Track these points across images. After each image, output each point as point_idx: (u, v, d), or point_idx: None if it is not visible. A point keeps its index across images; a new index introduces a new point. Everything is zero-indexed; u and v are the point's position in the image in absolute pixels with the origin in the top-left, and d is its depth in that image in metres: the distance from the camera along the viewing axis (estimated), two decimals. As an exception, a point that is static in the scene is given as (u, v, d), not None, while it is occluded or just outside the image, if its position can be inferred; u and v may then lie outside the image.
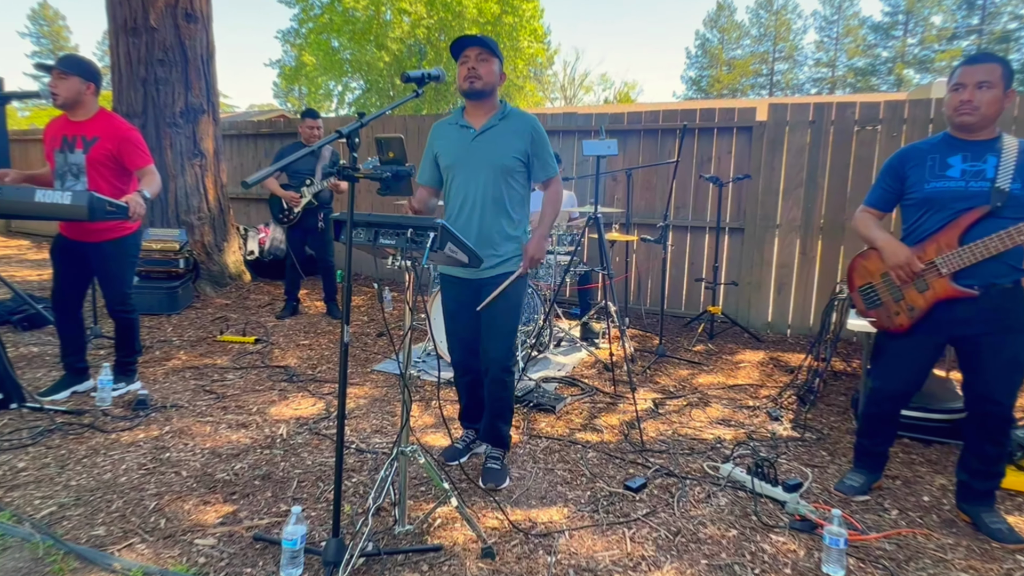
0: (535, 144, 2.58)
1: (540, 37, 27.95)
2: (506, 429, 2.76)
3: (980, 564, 2.18)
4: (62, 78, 3.22)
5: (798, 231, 5.24)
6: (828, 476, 2.83)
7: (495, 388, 2.69)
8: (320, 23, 26.01)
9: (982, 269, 2.25)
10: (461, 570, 2.09)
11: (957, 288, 2.28)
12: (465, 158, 2.56)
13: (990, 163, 2.24)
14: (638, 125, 5.83)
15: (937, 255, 2.31)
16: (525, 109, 16.59)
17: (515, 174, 2.57)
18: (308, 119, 5.31)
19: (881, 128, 4.91)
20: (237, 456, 2.88)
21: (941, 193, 2.31)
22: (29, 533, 2.20)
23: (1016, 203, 2.19)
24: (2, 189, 2.92)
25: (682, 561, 2.17)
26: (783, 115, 5.23)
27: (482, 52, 2.49)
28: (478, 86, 2.49)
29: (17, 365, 3.94)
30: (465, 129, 2.59)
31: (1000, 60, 2.24)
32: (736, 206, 5.50)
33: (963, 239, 2.26)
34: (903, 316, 2.44)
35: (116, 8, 5.83)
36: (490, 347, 2.64)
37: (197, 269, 6.01)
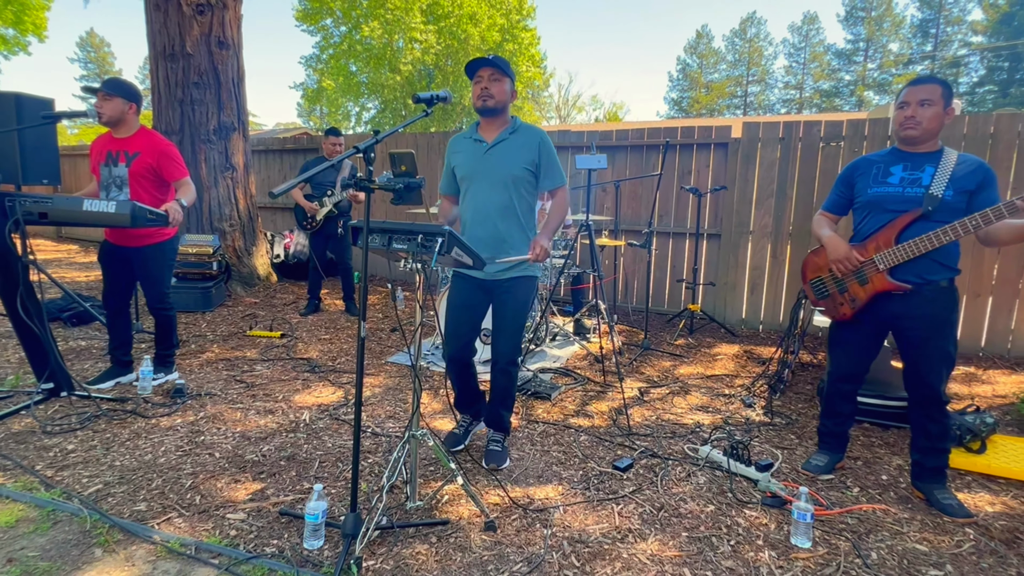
0: (543, 155, 2.54)
1: (537, 62, 27.95)
2: (507, 416, 2.75)
3: (933, 536, 2.18)
4: (107, 99, 3.21)
5: (769, 237, 5.24)
6: (796, 457, 2.83)
7: (501, 378, 2.66)
8: (339, 50, 26.00)
9: (916, 266, 2.28)
10: (466, 541, 2.09)
11: (893, 282, 2.31)
12: (479, 169, 2.54)
13: (927, 172, 2.28)
14: (625, 142, 5.83)
15: (875, 253, 2.35)
16: (524, 127, 16.57)
17: (525, 183, 2.55)
18: (331, 136, 5.31)
19: (844, 144, 4.90)
20: (265, 439, 2.88)
21: (881, 197, 2.35)
22: (78, 508, 2.20)
23: (947, 208, 2.22)
24: (55, 199, 2.92)
25: (665, 533, 2.17)
26: (756, 133, 5.22)
27: (495, 72, 2.46)
28: (490, 104, 2.46)
29: (67, 357, 3.94)
30: (479, 143, 2.56)
31: (940, 81, 2.27)
32: (713, 214, 5.50)
33: (898, 239, 2.29)
34: (846, 306, 2.48)
35: (156, 36, 5.83)
36: (499, 342, 2.62)
37: (229, 271, 6.01)
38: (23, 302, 2.95)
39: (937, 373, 2.32)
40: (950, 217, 2.20)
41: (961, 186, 2.22)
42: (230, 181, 6.13)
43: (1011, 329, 4.52)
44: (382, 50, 25.10)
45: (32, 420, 2.96)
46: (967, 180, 2.22)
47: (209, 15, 5.82)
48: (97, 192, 3.34)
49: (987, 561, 2.04)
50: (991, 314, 4.56)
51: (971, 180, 2.21)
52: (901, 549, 2.10)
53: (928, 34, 36.92)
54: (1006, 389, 3.85)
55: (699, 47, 45.44)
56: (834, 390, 2.65)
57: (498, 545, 2.07)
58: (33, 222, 2.90)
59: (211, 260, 5.49)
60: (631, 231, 5.78)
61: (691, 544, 2.11)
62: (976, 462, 2.69)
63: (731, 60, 44.69)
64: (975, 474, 2.66)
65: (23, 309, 2.96)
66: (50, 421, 2.98)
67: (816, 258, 2.62)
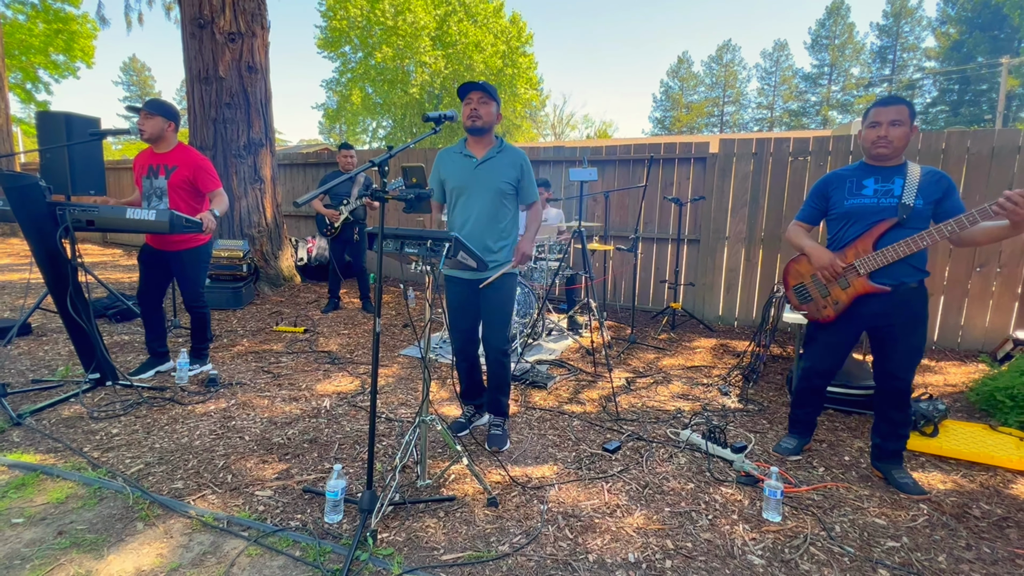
0: (524, 174, 2.59)
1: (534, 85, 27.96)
2: (505, 401, 2.75)
3: (890, 511, 2.18)
4: (148, 118, 3.21)
5: (743, 242, 5.23)
6: (768, 440, 2.83)
7: (496, 368, 2.69)
8: (356, 74, 26.02)
9: (893, 270, 2.26)
10: (471, 516, 2.09)
11: (873, 285, 2.29)
12: (470, 182, 2.55)
13: (897, 184, 2.26)
14: (614, 156, 5.82)
15: (856, 258, 2.33)
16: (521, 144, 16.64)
17: (508, 197, 2.58)
18: (344, 150, 5.32)
19: (810, 159, 4.90)
20: (289, 424, 2.88)
21: (858, 208, 2.32)
22: (121, 486, 2.20)
23: (919, 216, 2.21)
24: (101, 208, 2.92)
25: (649, 508, 2.17)
26: (731, 148, 5.22)
27: (483, 96, 2.48)
28: (479, 124, 2.49)
29: (111, 350, 3.94)
30: (468, 158, 2.57)
31: (907, 102, 2.25)
32: (693, 222, 5.49)
33: (876, 245, 2.27)
34: (829, 309, 2.45)
35: (192, 62, 5.83)
36: (489, 336, 2.64)
37: (257, 273, 6.00)
38: (72, 301, 2.95)
39: (909, 366, 2.31)
40: (921, 224, 2.20)
41: (929, 195, 2.21)
42: (258, 192, 6.12)
43: (961, 325, 4.52)
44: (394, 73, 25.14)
45: (80, 407, 2.97)
46: (933, 190, 2.21)
47: (239, 43, 5.82)
48: (140, 202, 3.34)
49: (939, 534, 2.04)
50: (943, 311, 4.56)
51: (937, 189, 2.21)
52: (862, 523, 2.10)
53: (886, 59, 36.93)
54: (956, 379, 3.85)
55: (680, 71, 45.42)
56: (808, 384, 2.63)
57: (499, 519, 2.07)
58: (81, 229, 2.90)
59: (241, 263, 5.49)
60: (619, 237, 5.77)
61: (673, 518, 2.11)
62: (929, 444, 2.69)
63: (709, 83, 44.67)
64: (928, 455, 2.66)
65: (72, 307, 2.96)
66: (96, 408, 2.98)
67: (797, 266, 2.57)
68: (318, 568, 1.77)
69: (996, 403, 3.12)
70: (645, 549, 1.92)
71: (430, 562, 1.83)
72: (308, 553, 1.84)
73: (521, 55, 26.78)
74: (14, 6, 16.21)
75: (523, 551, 1.89)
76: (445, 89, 25.54)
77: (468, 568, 1.81)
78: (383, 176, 1.93)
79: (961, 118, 31.80)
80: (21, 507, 2.06)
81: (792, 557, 1.89)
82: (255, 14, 5.93)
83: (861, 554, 1.91)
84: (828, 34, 38.71)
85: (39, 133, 4.15)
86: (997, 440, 2.74)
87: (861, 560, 1.88)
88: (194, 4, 5.70)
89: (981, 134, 4.36)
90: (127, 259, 8.76)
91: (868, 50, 37.74)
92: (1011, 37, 29.48)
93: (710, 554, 1.90)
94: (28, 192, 2.82)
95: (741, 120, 44.16)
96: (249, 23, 5.87)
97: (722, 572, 1.82)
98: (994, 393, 3.16)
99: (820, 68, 39.65)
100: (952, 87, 33.10)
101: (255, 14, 5.93)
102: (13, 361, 3.69)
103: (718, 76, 44.04)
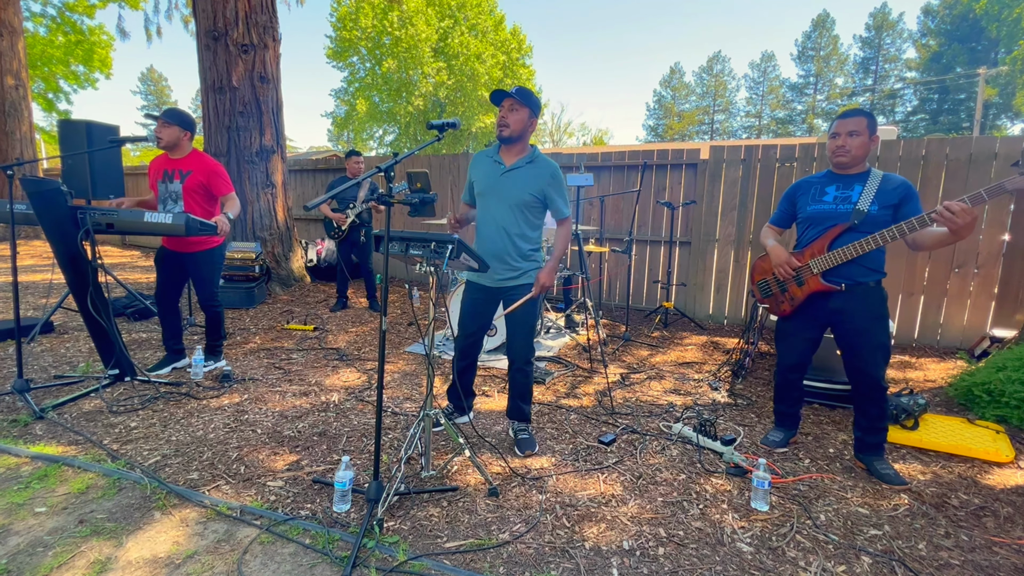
0: (552, 187, 2.42)
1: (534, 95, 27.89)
2: (527, 407, 2.64)
3: (873, 501, 2.18)
4: (166, 126, 3.21)
5: (732, 244, 5.23)
6: (756, 433, 2.83)
7: (519, 376, 2.57)
8: (364, 83, 26.02)
9: (846, 270, 2.30)
10: (472, 505, 2.09)
11: (824, 283, 2.34)
12: (493, 188, 2.45)
13: (856, 191, 2.30)
14: (609, 162, 5.82)
15: (811, 259, 2.37)
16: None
17: (532, 208, 2.43)
18: (353, 156, 5.32)
19: (796, 165, 4.89)
20: (300, 418, 2.88)
21: (817, 213, 2.37)
22: (139, 477, 2.20)
23: (872, 221, 2.24)
24: (120, 212, 2.92)
25: (643, 498, 2.17)
26: (721, 155, 5.21)
27: (514, 103, 2.34)
28: (506, 133, 2.36)
29: (130, 347, 3.94)
30: (498, 164, 2.45)
31: (866, 113, 2.29)
32: (684, 225, 5.49)
33: (830, 247, 2.32)
34: (786, 304, 2.51)
35: (206, 72, 5.83)
36: (514, 344, 2.53)
37: (269, 273, 6.00)
38: (92, 300, 2.95)
39: (874, 362, 2.32)
40: (875, 228, 2.23)
41: (885, 201, 2.23)
42: (270, 196, 6.12)
43: (940, 323, 4.52)
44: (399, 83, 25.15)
45: (100, 401, 2.96)
46: (890, 195, 2.23)
47: (252, 54, 5.81)
48: (155, 203, 3.33)
49: (919, 522, 2.04)
50: (923, 310, 4.56)
51: (894, 195, 2.23)
52: (845, 512, 2.10)
53: (869, 70, 36.93)
54: (935, 375, 3.85)
55: (672, 81, 45.43)
56: (783, 379, 2.65)
57: (500, 508, 2.07)
58: (101, 231, 2.90)
59: (254, 264, 5.49)
60: (614, 239, 5.77)
61: (665, 507, 2.11)
62: (910, 437, 2.69)
63: (700, 92, 44.67)
64: (909, 447, 2.66)
65: (92, 306, 2.96)
66: (116, 402, 2.97)
67: (762, 263, 2.64)
68: (327, 555, 1.77)
69: (974, 398, 3.13)
70: (639, 537, 1.92)
71: (434, 549, 1.83)
72: (317, 540, 1.84)
73: (521, 66, 26.80)
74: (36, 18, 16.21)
75: (522, 539, 1.89)
76: (448, 99, 25.55)
77: (470, 555, 1.81)
78: (389, 181, 1.93)
79: (940, 126, 31.81)
80: (44, 497, 2.06)
81: (779, 544, 1.89)
82: (267, 27, 5.92)
83: (845, 541, 1.91)
84: (814, 46, 38.72)
85: (61, 140, 4.15)
86: (975, 433, 2.74)
87: (845, 547, 1.88)
88: (209, 17, 5.70)
89: (959, 141, 4.36)
90: (145, 260, 8.75)
91: (852, 61, 37.76)
92: (988, 49, 29.49)
93: (701, 541, 1.91)
94: (51, 197, 2.82)
95: (730, 128, 44.16)
96: (261, 35, 5.86)
97: (712, 559, 1.82)
98: (972, 388, 3.17)
99: (806, 78, 39.66)
100: (932, 96, 33.11)
101: (267, 27, 5.92)
102: (36, 358, 3.69)
103: (709, 86, 44.03)
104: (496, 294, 2.56)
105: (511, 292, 2.51)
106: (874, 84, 36.19)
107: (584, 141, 41.51)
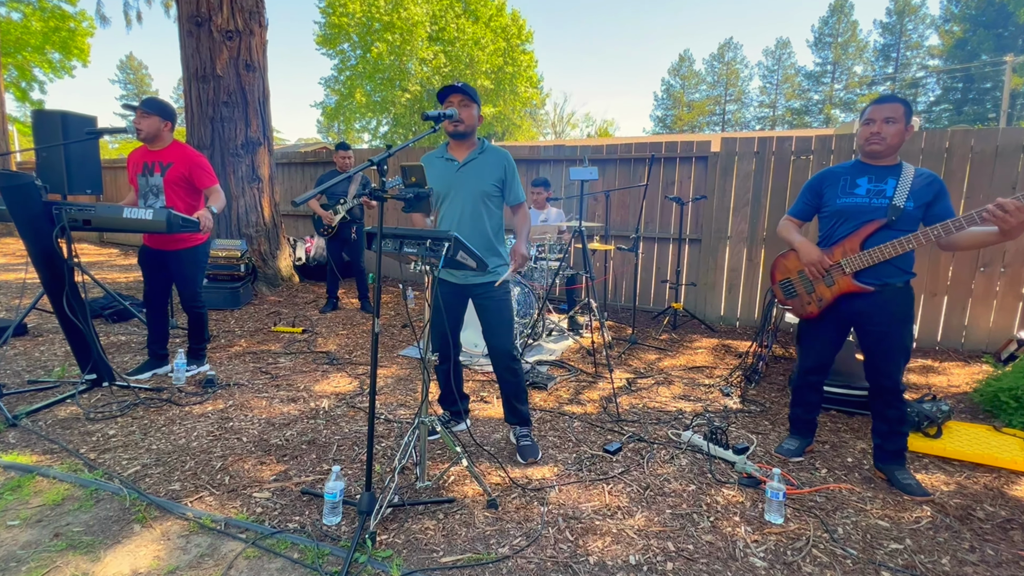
0: (508, 174, 2.52)
1: (535, 83, 27.96)
2: (524, 408, 2.64)
3: (894, 513, 2.18)
4: (145, 117, 3.21)
5: (745, 242, 5.23)
6: (770, 441, 2.83)
7: (506, 375, 2.58)
8: (355, 71, 26.02)
9: (878, 270, 2.28)
10: (470, 518, 2.09)
11: (857, 284, 2.32)
12: (452, 185, 2.49)
13: (890, 184, 2.27)
14: (615, 155, 5.82)
15: (842, 257, 2.34)
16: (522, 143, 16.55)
17: (493, 198, 2.50)
18: (341, 151, 5.33)
19: (813, 157, 4.90)
20: (287, 425, 2.88)
21: (849, 207, 2.34)
22: (118, 488, 2.20)
23: (908, 218, 2.22)
24: (97, 208, 2.92)
25: (650, 510, 2.17)
26: (733, 147, 5.22)
27: (464, 98, 2.40)
28: (461, 129, 2.41)
29: (108, 351, 3.94)
30: (450, 162, 2.51)
31: (903, 100, 2.26)
32: (694, 221, 5.49)
33: (864, 245, 2.29)
34: (813, 305, 2.48)
35: (189, 60, 5.83)
36: (494, 342, 2.55)
37: (255, 273, 6.01)
38: (68, 301, 2.95)
39: (896, 364, 2.32)
40: (910, 226, 2.21)
41: (920, 198, 2.22)
42: (256, 191, 6.12)
43: (964, 325, 4.52)
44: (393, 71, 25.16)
45: (77, 408, 2.97)
46: (924, 192, 2.22)
47: (237, 40, 5.82)
48: (136, 201, 3.34)
49: (943, 536, 2.04)
50: (946, 312, 4.56)
51: (928, 192, 2.22)
52: (865, 525, 2.10)
53: (889, 57, 36.94)
54: (960, 380, 3.85)
55: (682, 69, 45.45)
56: (803, 381, 2.65)
57: (499, 521, 2.07)
58: (78, 228, 2.90)
59: (239, 263, 5.49)
60: (620, 236, 5.77)
61: (674, 520, 2.11)
62: (933, 446, 2.69)
63: (711, 81, 44.71)
64: (932, 457, 2.66)
65: (69, 307, 2.96)
66: (93, 409, 2.98)
67: (785, 261, 2.59)
68: (317, 570, 1.77)
69: (1000, 404, 3.12)
70: (646, 551, 1.92)
71: (429, 564, 1.83)
72: (307, 555, 1.84)
73: (521, 53, 26.79)
74: (10, 3, 16.21)
75: (523, 553, 1.89)
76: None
77: (468, 570, 1.81)
78: (382, 175, 1.93)
79: (965, 116, 31.82)
80: (17, 509, 2.06)
81: (794, 559, 1.89)
82: (253, 12, 5.93)
83: (864, 556, 1.91)
84: (831, 32, 38.74)
85: (35, 132, 4.15)
86: (1001, 441, 2.74)
87: (864, 563, 1.88)
88: (191, 1, 5.70)
89: (985, 133, 4.36)
90: (124, 259, 8.76)
91: (871, 48, 37.79)
92: (1016, 35, 29.47)
93: (712, 556, 1.90)
94: (24, 191, 2.82)
95: (743, 119, 44.20)
96: (247, 21, 5.87)
97: (724, 574, 1.82)
98: (998, 394, 3.16)
99: (823, 66, 39.68)
100: (956, 85, 33.12)
101: (253, 12, 5.93)
102: (9, 362, 3.69)
103: (720, 74, 44.06)
104: (464, 291, 2.57)
105: (479, 288, 2.52)
106: (895, 72, 36.20)
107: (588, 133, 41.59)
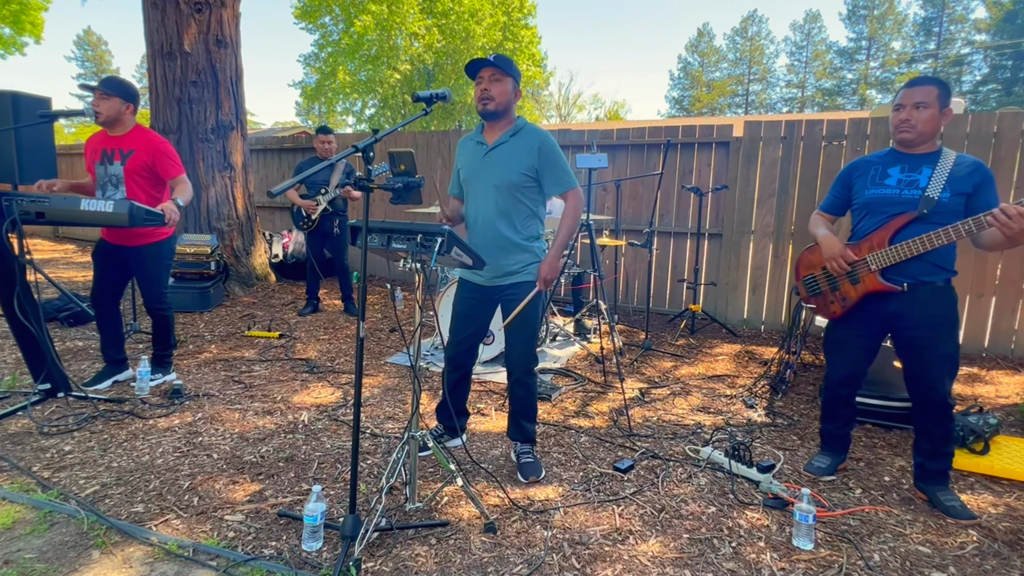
0: (543, 159, 2.39)
1: (537, 61, 27.93)
2: (531, 426, 2.65)
3: (936, 538, 2.18)
4: (104, 98, 3.22)
5: (771, 237, 5.24)
6: (798, 458, 2.83)
7: (519, 389, 2.59)
8: (338, 48, 25.97)
9: (909, 268, 2.28)
10: (466, 543, 2.09)
11: (884, 283, 2.32)
12: (477, 173, 2.47)
13: (924, 174, 2.27)
14: (626, 140, 5.83)
15: (868, 253, 2.35)
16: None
17: (523, 189, 2.41)
18: (321, 135, 5.33)
19: (846, 143, 4.90)
20: (263, 440, 2.88)
21: (877, 199, 2.35)
22: (75, 510, 2.20)
23: (944, 210, 2.21)
24: (52, 199, 2.92)
25: (666, 535, 2.17)
26: (757, 131, 5.22)
27: (496, 72, 2.35)
28: (491, 107, 2.36)
29: (63, 358, 3.94)
30: (480, 145, 2.47)
31: (937, 82, 2.25)
32: (715, 214, 5.50)
33: (893, 240, 2.29)
34: (836, 304, 2.50)
35: (153, 35, 5.83)
36: (513, 353, 2.55)
37: (227, 271, 6.01)
38: (20, 302, 2.95)
39: (939, 376, 2.31)
40: (947, 219, 2.19)
41: (958, 188, 2.21)
42: (228, 180, 6.13)
43: (1015, 330, 4.52)
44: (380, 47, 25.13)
45: (29, 421, 2.96)
46: (964, 182, 2.21)
47: (207, 13, 5.82)
48: (93, 191, 3.34)
49: (990, 563, 2.04)
50: (994, 315, 4.56)
51: (968, 182, 2.21)
52: (904, 551, 2.10)
53: (931, 32, 36.97)
54: (1009, 390, 3.85)
55: (700, 45, 45.48)
56: (832, 395, 2.64)
57: (498, 547, 2.07)
58: (30, 222, 2.89)
59: (209, 260, 5.49)
60: (632, 231, 5.78)
61: (692, 546, 2.11)
62: (979, 463, 2.69)
63: (732, 59, 44.73)
64: (978, 475, 2.66)
65: (20, 309, 2.95)
66: (47, 422, 2.97)
67: (810, 255, 2.63)
68: (295, 601, 1.77)
69: (1054, 417, 3.13)
70: (661, 580, 1.92)
71: (420, 595, 1.83)
72: (284, 585, 1.84)
73: (523, 27, 26.76)
74: (-46, -27, 16.20)
75: (524, 582, 1.89)
76: (438, 65, 25.51)
77: (463, 602, 1.81)
78: (367, 163, 1.93)
79: (1015, 97, 31.80)
80: (-38, 533, 2.06)
81: (825, 589, 1.89)
82: (224, -19, 5.93)
83: (903, 586, 1.91)
84: (866, 4, 38.76)
85: (-18, 115, 4.14)
86: (1055, 458, 2.74)
87: (903, 593, 1.88)
88: (156, -30, 5.70)
89: (1037, 116, 4.36)
90: (81, 255, 8.76)
91: (911, 22, 37.82)
92: (1071, 7, 29.47)
93: (734, 586, 1.90)
94: (-30, 181, 2.82)
95: (768, 100, 44.22)
96: (218, -9, 5.87)
97: (747, 606, 1.82)
98: (1052, 406, 3.17)
99: (857, 42, 39.69)
100: (1005, 63, 33.11)
101: (224, -19, 5.93)
102: (-47, 370, 3.69)
103: (743, 51, 44.07)
104: (492, 294, 2.57)
105: (509, 291, 2.51)
106: (937, 49, 36.22)
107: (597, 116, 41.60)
